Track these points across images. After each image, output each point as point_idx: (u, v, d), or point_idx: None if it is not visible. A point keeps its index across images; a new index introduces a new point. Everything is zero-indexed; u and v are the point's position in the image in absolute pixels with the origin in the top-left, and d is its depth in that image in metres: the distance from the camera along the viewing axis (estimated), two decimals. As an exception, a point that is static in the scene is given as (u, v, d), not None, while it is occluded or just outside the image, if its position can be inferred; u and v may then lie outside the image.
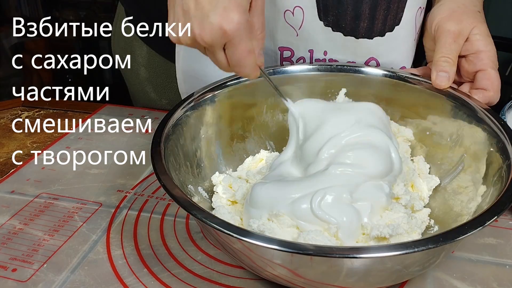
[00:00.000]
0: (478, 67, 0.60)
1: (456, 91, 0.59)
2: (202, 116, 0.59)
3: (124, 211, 0.60)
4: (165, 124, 0.53)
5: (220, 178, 0.57)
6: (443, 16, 0.62)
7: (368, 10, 0.65)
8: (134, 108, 0.86)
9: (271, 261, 0.42)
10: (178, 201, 0.43)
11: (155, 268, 0.51)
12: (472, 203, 0.51)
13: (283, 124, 0.64)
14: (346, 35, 0.67)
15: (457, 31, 0.60)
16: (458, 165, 0.56)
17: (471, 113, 0.56)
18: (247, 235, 0.40)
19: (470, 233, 0.40)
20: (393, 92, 0.63)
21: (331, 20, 0.66)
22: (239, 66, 0.51)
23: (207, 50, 0.51)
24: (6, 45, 2.29)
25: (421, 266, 0.45)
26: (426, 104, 0.61)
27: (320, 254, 0.38)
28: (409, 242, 0.39)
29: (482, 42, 0.60)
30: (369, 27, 0.67)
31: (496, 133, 0.52)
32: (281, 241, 0.39)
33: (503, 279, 0.50)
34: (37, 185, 0.65)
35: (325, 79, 0.64)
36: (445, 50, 0.60)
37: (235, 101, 0.62)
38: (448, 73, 0.58)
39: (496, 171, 0.49)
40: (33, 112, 0.83)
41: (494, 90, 0.59)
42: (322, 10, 0.66)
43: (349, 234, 0.47)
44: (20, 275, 0.51)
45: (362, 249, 0.39)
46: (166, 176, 0.46)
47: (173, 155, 0.52)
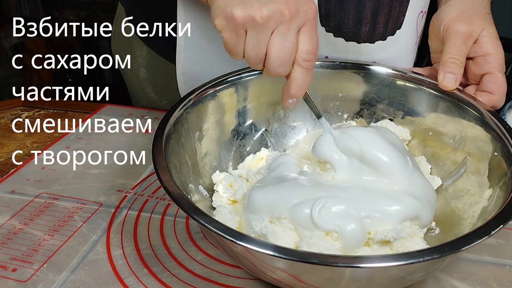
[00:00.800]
0: (485, 70, 0.59)
1: (462, 92, 0.58)
2: (202, 114, 0.58)
3: (124, 211, 0.60)
4: (166, 123, 0.53)
5: (220, 176, 0.57)
6: (453, 16, 0.61)
7: (370, 15, 0.65)
8: (134, 108, 0.86)
9: (272, 266, 0.41)
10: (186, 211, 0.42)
11: (155, 268, 0.51)
12: (475, 206, 0.50)
13: (285, 121, 0.64)
14: (348, 40, 0.67)
15: (468, 32, 0.59)
16: (461, 167, 0.56)
17: (476, 116, 0.55)
18: (249, 241, 0.39)
19: (476, 243, 0.39)
20: (395, 91, 0.63)
21: (333, 26, 0.66)
22: (308, 56, 0.49)
23: (252, 31, 0.48)
24: (6, 45, 2.29)
25: (425, 273, 0.44)
26: (429, 104, 0.60)
27: (325, 264, 0.37)
28: (414, 252, 0.38)
29: (491, 44, 0.59)
30: (370, 31, 0.67)
31: (500, 137, 0.51)
32: (283, 249, 0.38)
33: (503, 279, 0.50)
34: (37, 185, 0.65)
35: (328, 76, 0.64)
36: (454, 51, 0.59)
37: (236, 97, 0.62)
38: (455, 75, 0.58)
39: (501, 175, 0.49)
40: (33, 112, 0.83)
41: (500, 94, 0.58)
42: (324, 16, 0.65)
43: (351, 245, 0.46)
44: (20, 275, 0.51)
45: (366, 259, 0.38)
46: (170, 182, 0.45)
47: (174, 154, 0.52)
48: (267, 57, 0.48)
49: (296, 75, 0.50)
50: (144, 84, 0.86)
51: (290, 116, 0.65)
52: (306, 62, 0.49)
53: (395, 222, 0.47)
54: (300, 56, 0.49)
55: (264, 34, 0.47)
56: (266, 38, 0.47)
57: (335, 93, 0.64)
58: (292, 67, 0.49)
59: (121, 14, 0.86)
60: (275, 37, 0.47)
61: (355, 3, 0.64)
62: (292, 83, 0.50)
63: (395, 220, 0.47)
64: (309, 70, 0.50)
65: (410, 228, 0.48)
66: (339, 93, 0.64)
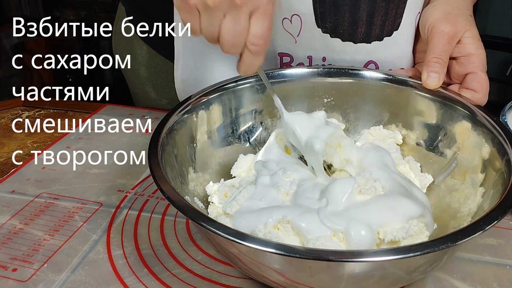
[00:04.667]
0: (469, 69, 0.60)
1: (447, 90, 0.59)
2: (192, 124, 0.58)
3: (124, 211, 0.60)
4: (159, 133, 0.52)
5: (214, 187, 0.56)
6: (438, 17, 0.62)
7: (366, 17, 0.65)
8: (134, 108, 0.86)
9: (265, 266, 0.41)
10: None
11: (156, 268, 0.51)
12: (470, 199, 0.51)
13: (272, 129, 0.63)
14: (344, 41, 0.67)
15: (452, 32, 0.60)
16: (451, 162, 0.56)
17: (463, 111, 0.56)
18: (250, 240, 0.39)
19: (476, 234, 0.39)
20: (382, 93, 0.63)
21: (329, 27, 0.66)
22: (257, 41, 0.49)
23: (207, 13, 0.49)
24: (6, 45, 2.29)
25: (423, 271, 0.44)
26: (415, 103, 0.61)
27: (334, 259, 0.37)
28: (413, 246, 0.38)
29: (473, 45, 0.61)
30: (366, 32, 0.67)
31: (490, 130, 0.52)
32: (275, 244, 0.38)
33: (504, 280, 0.50)
34: (38, 185, 0.65)
35: (314, 81, 0.64)
36: (438, 50, 0.60)
37: (228, 105, 0.61)
38: (439, 74, 0.59)
39: (494, 167, 0.49)
40: (33, 112, 0.83)
41: (483, 92, 0.59)
42: (319, 17, 0.66)
43: None
44: (20, 275, 0.51)
45: (363, 253, 0.38)
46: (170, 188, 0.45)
47: (169, 166, 0.51)
48: (219, 39, 0.50)
49: (245, 57, 0.51)
50: (145, 83, 0.86)
51: (278, 125, 0.63)
52: (254, 47, 0.50)
53: (402, 221, 0.47)
54: (250, 40, 0.50)
55: (215, 17, 0.48)
56: (218, 21, 0.49)
57: (321, 99, 0.64)
58: (243, 50, 0.50)
59: (122, 14, 0.86)
60: (226, 20, 0.48)
61: (349, 6, 0.64)
62: (241, 64, 0.52)
63: (402, 218, 0.47)
64: (257, 54, 0.51)
65: (416, 227, 0.48)
66: (325, 99, 0.64)
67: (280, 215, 0.47)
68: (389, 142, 0.61)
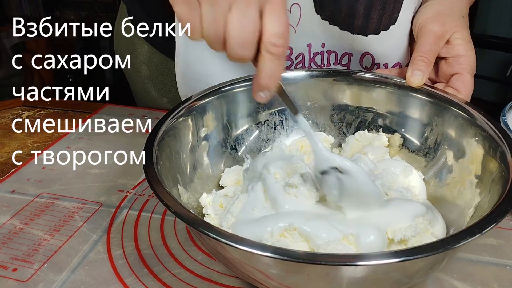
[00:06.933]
0: (455, 70, 0.61)
1: (431, 87, 0.60)
2: (181, 136, 0.56)
3: (124, 211, 0.60)
4: (152, 142, 0.51)
5: (208, 199, 0.55)
6: (428, 16, 0.63)
7: (363, 10, 0.66)
8: (135, 108, 0.86)
9: (259, 270, 0.41)
10: None
11: (156, 268, 0.51)
12: (466, 191, 0.51)
13: (259, 136, 0.63)
14: (342, 29, 0.68)
15: (440, 32, 0.61)
16: (440, 157, 0.57)
17: (451, 108, 0.56)
18: None
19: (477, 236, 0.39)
20: (368, 94, 0.63)
21: (327, 14, 0.67)
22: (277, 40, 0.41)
23: None
24: (6, 45, 2.29)
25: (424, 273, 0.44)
26: (399, 100, 0.61)
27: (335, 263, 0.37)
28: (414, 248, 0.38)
29: (463, 47, 0.61)
30: (363, 25, 0.68)
31: (476, 123, 0.53)
32: (271, 248, 0.38)
33: (504, 280, 0.50)
34: (38, 185, 0.65)
35: (304, 82, 0.63)
36: (424, 49, 0.61)
37: (224, 109, 0.61)
38: (423, 72, 0.59)
39: (489, 167, 0.50)
40: (33, 112, 0.83)
41: (465, 94, 0.60)
42: (319, 4, 0.67)
43: None
44: (20, 275, 0.51)
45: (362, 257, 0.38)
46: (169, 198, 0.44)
47: (166, 179, 0.49)
48: (226, 36, 0.42)
49: (266, 63, 0.42)
50: (145, 82, 0.86)
51: (263, 131, 0.63)
52: (275, 48, 0.42)
53: (409, 219, 0.47)
54: (268, 40, 0.41)
55: (220, 7, 0.41)
56: (223, 13, 0.41)
57: (304, 102, 0.64)
58: (260, 54, 0.42)
59: (123, 13, 0.86)
60: (234, 13, 0.41)
61: None
62: (261, 73, 0.43)
63: (409, 217, 0.47)
64: (280, 57, 0.42)
65: (422, 224, 0.48)
66: (308, 102, 0.64)
67: (286, 222, 0.46)
68: (377, 145, 0.61)
